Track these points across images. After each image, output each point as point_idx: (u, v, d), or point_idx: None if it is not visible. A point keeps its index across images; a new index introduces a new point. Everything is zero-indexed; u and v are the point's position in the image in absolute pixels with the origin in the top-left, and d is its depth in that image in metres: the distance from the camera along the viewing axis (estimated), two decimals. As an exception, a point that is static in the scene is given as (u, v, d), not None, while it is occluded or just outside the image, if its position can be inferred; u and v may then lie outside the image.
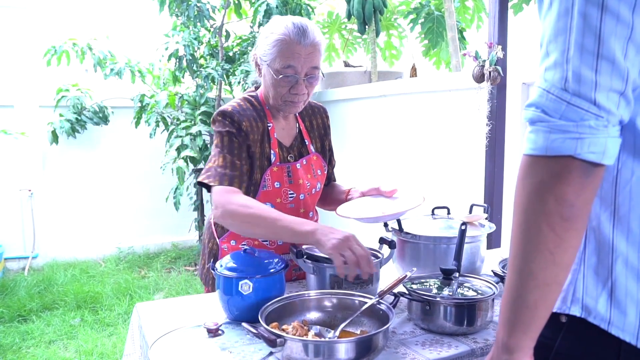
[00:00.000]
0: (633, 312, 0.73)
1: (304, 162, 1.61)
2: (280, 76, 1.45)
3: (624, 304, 0.73)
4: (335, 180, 1.87)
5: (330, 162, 1.79)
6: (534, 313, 0.71)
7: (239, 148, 1.48)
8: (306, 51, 1.44)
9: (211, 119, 1.58)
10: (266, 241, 1.57)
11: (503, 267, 1.48)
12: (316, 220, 1.72)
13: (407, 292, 1.27)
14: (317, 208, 1.78)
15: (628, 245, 0.74)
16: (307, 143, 1.65)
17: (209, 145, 4.28)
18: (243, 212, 1.36)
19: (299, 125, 1.66)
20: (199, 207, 4.72)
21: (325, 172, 1.71)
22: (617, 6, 0.65)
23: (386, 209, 1.50)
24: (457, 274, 1.32)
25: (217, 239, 1.64)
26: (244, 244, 1.54)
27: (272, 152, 1.55)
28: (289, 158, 1.60)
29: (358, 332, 1.19)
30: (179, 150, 4.17)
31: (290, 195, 1.57)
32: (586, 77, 0.66)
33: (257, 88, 1.63)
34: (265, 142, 1.55)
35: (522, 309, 0.72)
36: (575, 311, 0.77)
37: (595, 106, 0.66)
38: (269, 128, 1.56)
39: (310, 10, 4.43)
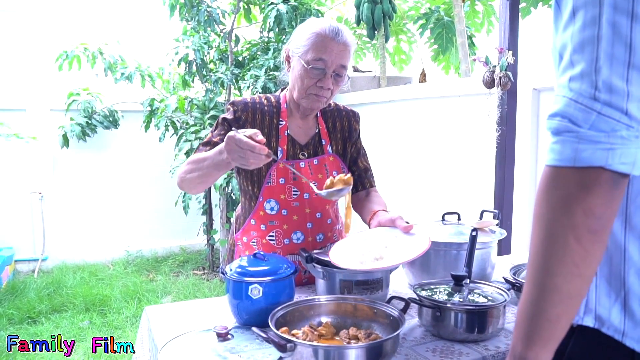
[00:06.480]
0: None
1: (315, 162, 1.63)
2: (310, 67, 1.51)
3: (638, 315, 0.72)
4: (373, 185, 1.76)
5: (357, 165, 1.74)
6: (556, 326, 0.70)
7: (226, 134, 1.53)
8: (338, 48, 1.51)
9: None
10: (273, 241, 1.59)
11: (514, 274, 1.47)
12: (334, 225, 1.70)
13: (417, 298, 1.26)
14: (340, 211, 1.77)
15: None
16: (324, 143, 1.67)
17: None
18: (184, 167, 1.53)
19: (318, 125, 1.68)
20: (208, 211, 4.73)
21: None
22: None
23: (380, 255, 1.34)
24: (467, 281, 1.31)
25: (235, 234, 1.70)
26: (254, 242, 1.62)
27: (279, 148, 1.59)
28: (300, 155, 1.62)
29: (369, 337, 1.19)
30: (188, 154, 4.19)
31: (294, 193, 1.59)
32: (617, 86, 0.64)
33: (282, 90, 1.68)
34: (272, 137, 1.60)
35: (542, 323, 0.70)
36: (589, 322, 0.76)
37: (627, 116, 0.65)
38: (280, 125, 1.61)
39: (320, 15, 4.44)
